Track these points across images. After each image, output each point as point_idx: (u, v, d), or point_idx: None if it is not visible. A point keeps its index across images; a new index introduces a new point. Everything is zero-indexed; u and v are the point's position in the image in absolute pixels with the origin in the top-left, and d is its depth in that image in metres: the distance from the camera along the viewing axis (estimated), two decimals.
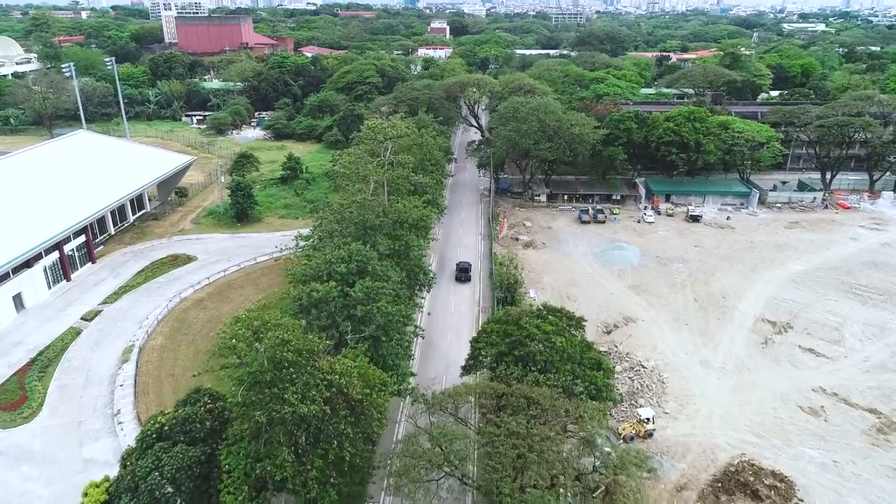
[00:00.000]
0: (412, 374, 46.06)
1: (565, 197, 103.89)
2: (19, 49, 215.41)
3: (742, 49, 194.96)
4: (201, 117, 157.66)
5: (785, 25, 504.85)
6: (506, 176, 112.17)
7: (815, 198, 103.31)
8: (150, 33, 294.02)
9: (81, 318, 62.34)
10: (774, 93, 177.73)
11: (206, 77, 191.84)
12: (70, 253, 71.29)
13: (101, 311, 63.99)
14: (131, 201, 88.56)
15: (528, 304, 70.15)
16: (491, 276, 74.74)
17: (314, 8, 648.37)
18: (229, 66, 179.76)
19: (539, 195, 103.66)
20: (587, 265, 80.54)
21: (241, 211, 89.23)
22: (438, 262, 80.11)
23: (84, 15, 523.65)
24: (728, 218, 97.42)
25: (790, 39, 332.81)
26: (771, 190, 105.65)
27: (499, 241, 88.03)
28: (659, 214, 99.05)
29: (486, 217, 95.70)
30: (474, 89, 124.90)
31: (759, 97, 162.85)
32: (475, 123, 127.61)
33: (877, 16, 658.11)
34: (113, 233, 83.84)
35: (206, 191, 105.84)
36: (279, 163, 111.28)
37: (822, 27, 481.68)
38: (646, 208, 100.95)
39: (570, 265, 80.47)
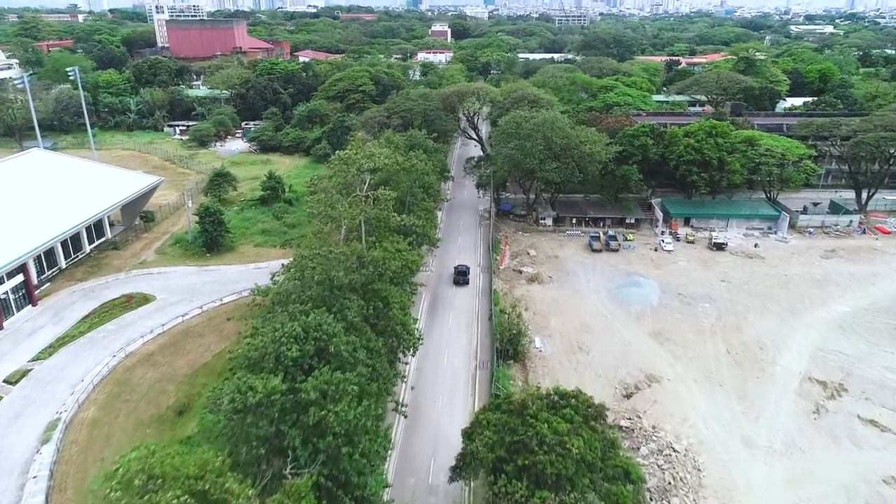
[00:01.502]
0: (386, 486, 36.19)
1: (573, 220, 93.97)
2: (1, 55, 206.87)
3: (756, 53, 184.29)
4: (185, 127, 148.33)
5: (792, 27, 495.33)
6: (507, 195, 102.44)
7: (850, 221, 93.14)
8: (141, 37, 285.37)
9: (4, 381, 52.68)
10: (792, 100, 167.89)
11: (193, 84, 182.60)
12: (3, 296, 61.73)
13: (29, 371, 54.29)
14: (88, 229, 79.00)
15: (533, 354, 60.69)
16: (490, 318, 64.99)
17: (315, 10, 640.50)
18: (217, 73, 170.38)
19: (544, 218, 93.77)
20: (600, 304, 70.60)
21: (210, 239, 79.60)
22: (430, 303, 70.29)
23: (81, 18, 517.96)
24: (756, 245, 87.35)
25: (800, 42, 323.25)
26: (801, 212, 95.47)
27: (500, 273, 78.24)
28: (678, 241, 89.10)
29: (486, 244, 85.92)
30: (473, 100, 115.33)
31: (780, 106, 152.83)
32: (474, 136, 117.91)
33: (884, 17, 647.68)
34: (64, 266, 74.24)
35: (178, 213, 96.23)
36: (262, 179, 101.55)
37: (829, 29, 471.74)
38: (663, 233, 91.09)
39: (581, 304, 70.56)
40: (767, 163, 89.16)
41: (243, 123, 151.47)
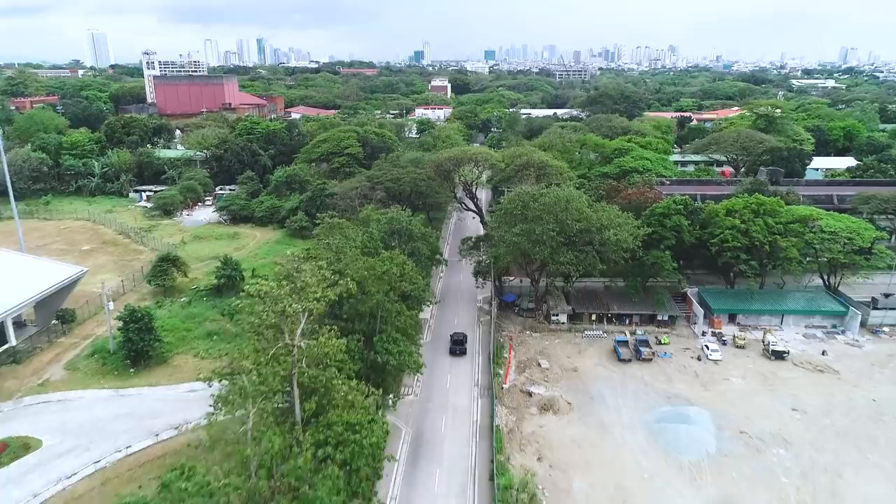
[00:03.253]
0: None
1: (593, 317, 76.87)
2: None
3: (776, 111, 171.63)
4: (152, 193, 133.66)
5: (793, 81, 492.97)
6: (511, 281, 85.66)
7: None
8: (130, 93, 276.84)
9: None
10: (820, 161, 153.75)
11: (172, 143, 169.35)
12: None
13: None
14: None
15: None
16: (492, 478, 47.19)
17: (316, 66, 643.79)
18: (195, 132, 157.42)
19: (557, 314, 76.70)
20: (639, 451, 52.68)
21: (135, 351, 62.55)
22: (411, 450, 52.34)
23: (80, 74, 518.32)
24: (824, 353, 69.84)
25: (805, 96, 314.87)
26: (871, 305, 78.30)
27: (503, 396, 60.69)
28: (724, 344, 71.80)
29: (486, 352, 68.66)
30: (472, 166, 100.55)
31: (811, 169, 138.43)
32: (472, 208, 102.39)
33: (882, 71, 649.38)
34: None
35: (115, 303, 79.48)
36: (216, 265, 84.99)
37: (831, 83, 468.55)
38: (704, 333, 73.92)
39: (613, 451, 52.63)
40: (831, 249, 72.83)
41: (218, 188, 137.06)
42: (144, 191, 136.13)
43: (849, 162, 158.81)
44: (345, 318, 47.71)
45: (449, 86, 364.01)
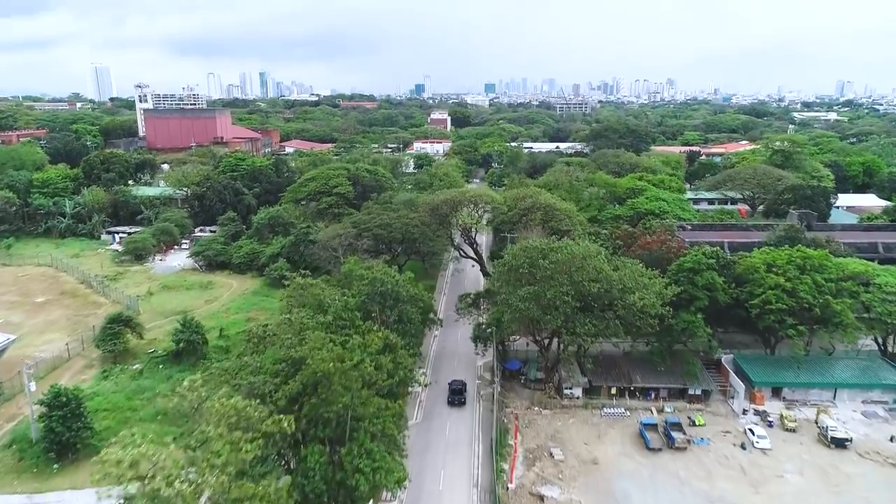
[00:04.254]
0: None
1: (612, 390, 65.56)
2: None
3: (795, 147, 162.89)
4: (126, 234, 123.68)
5: (795, 114, 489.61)
6: (517, 341, 74.35)
7: None
8: (121, 126, 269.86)
9: None
10: (847, 199, 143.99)
11: (154, 180, 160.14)
12: None
13: None
14: None
15: None
16: None
17: (316, 99, 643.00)
18: (178, 168, 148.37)
19: (571, 387, 65.41)
20: None
21: (60, 443, 51.34)
22: None
23: (79, 106, 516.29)
24: (892, 439, 58.42)
25: (808, 129, 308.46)
26: None
27: (509, 502, 49.15)
28: (771, 426, 60.44)
29: (487, 438, 57.30)
30: (471, 207, 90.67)
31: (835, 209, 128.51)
32: (472, 255, 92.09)
33: (881, 104, 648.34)
34: None
35: (56, 372, 68.64)
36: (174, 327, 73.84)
37: (833, 116, 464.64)
38: (745, 411, 62.63)
39: None
40: (892, 312, 62.06)
41: (198, 229, 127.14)
42: (118, 232, 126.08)
43: (872, 199, 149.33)
44: (304, 421, 36.77)
45: (448, 119, 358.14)
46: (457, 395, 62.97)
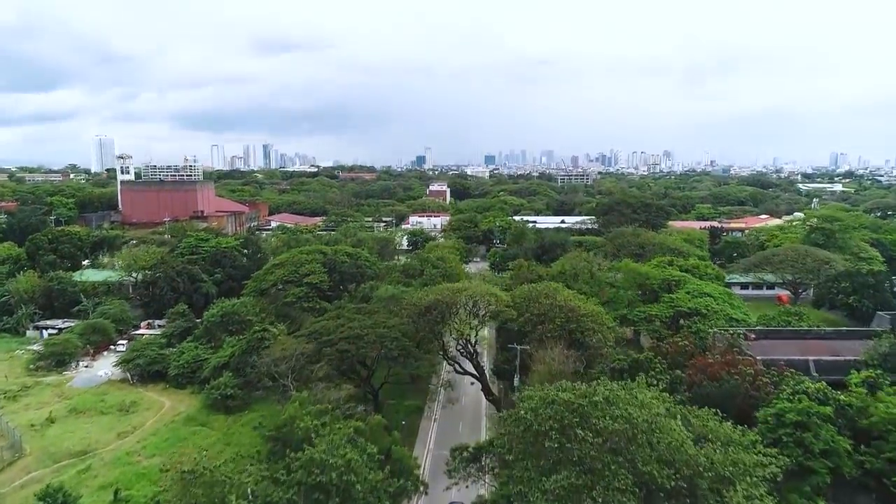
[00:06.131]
0: None
1: None
2: None
3: (834, 224, 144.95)
4: (57, 331, 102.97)
5: (800, 186, 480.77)
6: None
7: None
8: (100, 199, 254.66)
9: None
10: None
11: (105, 264, 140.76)
12: None
13: None
14: None
15: None
16: None
17: (315, 170, 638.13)
18: (133, 249, 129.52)
19: None
20: None
21: None
22: None
23: (72, 177, 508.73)
24: None
25: (816, 201, 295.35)
26: None
27: None
28: None
29: None
30: (468, 306, 69.99)
31: None
32: (471, 371, 70.64)
33: (882, 175, 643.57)
34: None
35: None
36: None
37: (839, 187, 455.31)
38: None
39: None
40: None
41: (145, 324, 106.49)
42: (49, 327, 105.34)
43: None
44: None
45: (448, 190, 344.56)
46: None
